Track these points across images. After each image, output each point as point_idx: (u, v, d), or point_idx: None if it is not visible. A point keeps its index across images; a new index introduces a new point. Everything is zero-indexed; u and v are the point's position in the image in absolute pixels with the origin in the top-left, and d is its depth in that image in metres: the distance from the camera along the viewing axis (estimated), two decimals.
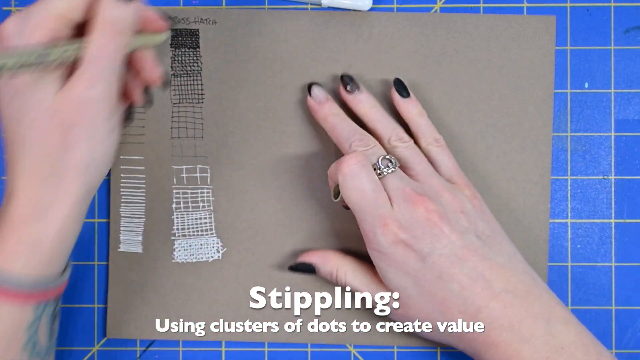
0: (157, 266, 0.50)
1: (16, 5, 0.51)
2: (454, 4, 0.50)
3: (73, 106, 0.38)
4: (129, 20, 0.40)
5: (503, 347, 0.41)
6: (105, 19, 0.39)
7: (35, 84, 0.38)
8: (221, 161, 0.50)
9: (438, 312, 0.43)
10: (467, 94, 0.50)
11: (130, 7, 0.39)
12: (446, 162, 0.47)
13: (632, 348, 0.50)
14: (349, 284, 0.47)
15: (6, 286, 0.39)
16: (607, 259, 0.50)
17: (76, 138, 0.39)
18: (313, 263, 0.48)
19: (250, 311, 0.50)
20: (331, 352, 0.50)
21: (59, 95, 0.38)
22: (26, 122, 0.39)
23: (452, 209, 0.43)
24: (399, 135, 0.46)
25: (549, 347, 0.40)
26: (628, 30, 0.50)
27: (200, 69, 0.50)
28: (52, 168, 0.39)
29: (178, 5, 0.51)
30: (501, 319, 0.41)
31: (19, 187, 0.39)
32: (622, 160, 0.50)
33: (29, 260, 0.39)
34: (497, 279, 0.42)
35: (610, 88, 0.50)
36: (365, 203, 0.43)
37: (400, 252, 0.42)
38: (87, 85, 0.38)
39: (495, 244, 0.44)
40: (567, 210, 0.50)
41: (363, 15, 0.50)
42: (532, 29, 0.50)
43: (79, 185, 0.39)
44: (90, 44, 0.38)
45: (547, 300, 0.42)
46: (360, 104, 0.48)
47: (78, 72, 0.38)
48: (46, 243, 0.39)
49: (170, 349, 0.50)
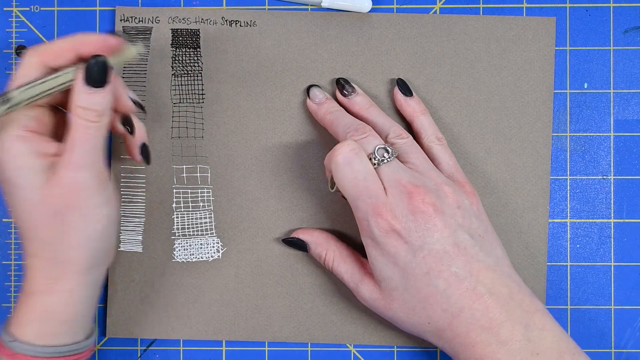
0: (157, 266, 0.50)
1: (17, 6, 0.51)
2: (454, 5, 0.50)
3: (63, 192, 0.41)
4: (103, 106, 0.41)
5: (480, 347, 0.41)
6: (78, 109, 0.40)
7: (23, 178, 0.41)
8: (221, 161, 0.50)
9: (421, 307, 0.43)
10: (466, 95, 0.50)
11: (102, 93, 0.41)
12: (447, 159, 0.47)
13: (631, 347, 0.50)
14: (334, 270, 0.47)
15: (21, 352, 0.42)
16: (606, 259, 0.50)
17: (70, 221, 0.41)
18: (306, 241, 0.48)
19: (250, 311, 0.50)
20: (331, 351, 0.50)
21: (48, 184, 0.41)
22: (23, 215, 0.42)
23: (448, 202, 0.43)
24: (397, 132, 0.46)
25: (524, 352, 0.41)
26: (627, 30, 0.50)
27: (200, 69, 0.50)
28: (54, 251, 0.42)
29: (178, 6, 0.51)
30: (482, 320, 0.41)
31: (31, 266, 0.43)
32: (621, 161, 0.50)
33: (41, 328, 0.42)
34: (483, 280, 0.42)
35: (609, 88, 0.50)
36: (358, 191, 0.43)
37: (393, 243, 0.42)
38: (73, 171, 0.40)
39: (486, 245, 0.43)
40: (566, 210, 0.50)
41: (363, 16, 0.50)
42: (532, 30, 0.50)
43: (80, 261, 0.42)
44: (70, 133, 0.41)
45: (528, 306, 0.42)
46: (356, 106, 0.48)
47: (63, 159, 0.41)
48: (56, 313, 0.42)
49: (171, 348, 0.50)
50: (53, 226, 0.41)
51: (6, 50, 0.51)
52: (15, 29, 0.51)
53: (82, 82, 0.40)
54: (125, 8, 0.50)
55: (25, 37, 0.51)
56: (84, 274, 0.43)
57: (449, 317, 0.42)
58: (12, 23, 0.51)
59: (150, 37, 0.50)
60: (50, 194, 0.41)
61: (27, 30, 0.51)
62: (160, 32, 0.50)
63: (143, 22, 0.50)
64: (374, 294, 0.45)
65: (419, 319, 0.43)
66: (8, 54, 0.51)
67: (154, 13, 0.50)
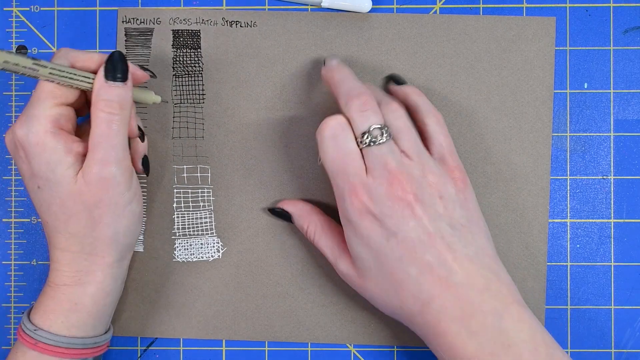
0: (158, 265, 0.51)
1: (17, 6, 0.51)
2: (454, 5, 0.50)
3: (93, 187, 0.42)
4: (125, 97, 0.43)
5: (450, 337, 0.41)
6: (101, 102, 0.42)
7: (55, 172, 0.42)
8: (221, 161, 0.50)
9: (393, 291, 0.43)
10: (466, 95, 0.50)
11: (123, 86, 0.43)
12: (441, 140, 0.45)
13: (631, 347, 0.50)
14: (315, 242, 0.47)
15: (43, 341, 0.43)
16: (606, 259, 0.50)
17: (100, 215, 0.43)
18: (290, 212, 0.49)
19: (250, 311, 0.50)
20: (331, 352, 0.50)
21: (78, 178, 0.42)
22: (54, 208, 0.43)
23: (430, 192, 0.42)
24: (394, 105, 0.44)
25: (495, 344, 0.40)
26: (627, 30, 0.50)
27: (201, 69, 0.50)
28: (83, 244, 0.43)
29: (179, 6, 0.51)
30: (453, 310, 0.41)
31: (58, 259, 0.44)
32: (621, 160, 0.50)
33: (69, 320, 0.43)
34: (458, 270, 0.41)
35: (609, 88, 0.50)
36: (337, 167, 0.42)
37: (367, 225, 0.42)
38: (101, 166, 0.42)
39: (467, 234, 0.43)
40: (566, 210, 0.50)
41: (363, 16, 0.50)
42: (532, 30, 0.50)
43: (109, 254, 0.44)
44: (93, 131, 0.42)
45: (505, 297, 0.41)
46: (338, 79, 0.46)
47: (90, 155, 0.42)
48: (83, 305, 0.44)
49: (171, 348, 0.51)
50: (83, 220, 0.43)
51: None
52: (15, 29, 0.51)
53: (103, 78, 0.42)
54: (127, 9, 0.51)
55: (25, 37, 0.51)
56: (111, 266, 0.44)
57: (419, 305, 0.42)
58: (12, 23, 0.51)
59: (151, 38, 0.50)
60: (81, 190, 0.42)
61: (27, 30, 0.51)
62: (162, 33, 0.51)
63: (145, 24, 0.51)
64: (350, 271, 0.45)
65: (392, 301, 0.43)
66: None
67: (155, 14, 0.50)
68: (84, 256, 0.43)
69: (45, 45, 0.51)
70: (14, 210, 0.51)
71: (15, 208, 0.51)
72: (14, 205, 0.51)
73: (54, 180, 0.42)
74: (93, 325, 0.44)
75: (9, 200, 0.51)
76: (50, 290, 0.44)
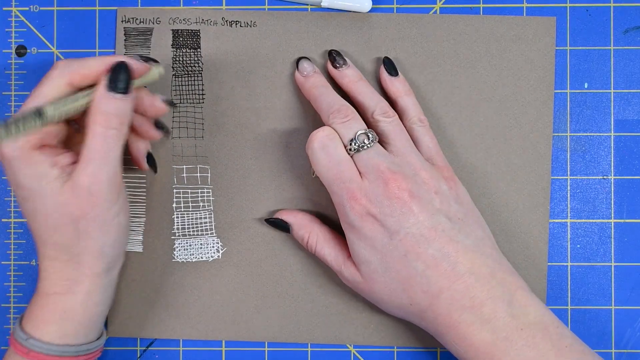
0: (158, 265, 0.50)
1: (16, 6, 0.51)
2: (454, 5, 0.50)
3: (80, 199, 0.41)
4: (125, 112, 0.42)
5: (464, 327, 0.42)
6: (99, 115, 0.41)
7: (40, 184, 0.41)
8: (221, 161, 0.50)
9: (401, 289, 0.43)
10: (466, 95, 0.50)
11: (125, 100, 0.42)
12: (428, 142, 0.47)
13: (632, 348, 0.50)
14: (317, 252, 0.47)
15: (36, 350, 0.42)
16: (606, 259, 0.50)
17: (85, 227, 0.42)
18: (289, 223, 0.48)
19: (250, 311, 0.50)
20: (331, 352, 0.50)
21: (65, 190, 0.41)
22: (39, 219, 0.42)
23: (425, 188, 0.43)
24: (383, 109, 0.46)
25: (508, 328, 0.41)
26: (627, 30, 0.50)
27: (201, 69, 0.50)
28: (70, 254, 0.43)
29: (178, 6, 0.51)
30: (463, 300, 0.42)
31: (46, 268, 0.43)
32: (621, 160, 0.50)
33: (60, 328, 0.43)
34: (462, 261, 0.42)
35: (609, 88, 0.50)
36: (332, 176, 0.43)
37: (369, 227, 0.43)
38: (91, 180, 0.41)
39: (465, 227, 0.44)
40: (566, 210, 0.50)
41: (363, 16, 0.50)
42: (532, 30, 0.50)
43: (96, 265, 0.43)
44: (87, 143, 0.41)
45: (510, 283, 0.42)
46: (345, 78, 0.48)
47: (81, 166, 0.41)
48: (74, 313, 0.43)
49: (171, 348, 0.51)
50: (69, 232, 0.42)
51: (6, 50, 0.51)
52: (15, 29, 0.51)
53: (105, 89, 0.41)
54: (126, 9, 0.51)
55: (25, 37, 0.51)
56: (99, 276, 0.44)
57: (429, 298, 0.42)
58: (12, 23, 0.51)
59: (151, 38, 0.50)
60: (67, 201, 0.41)
61: (27, 30, 0.51)
62: (161, 32, 0.50)
63: (144, 23, 0.50)
64: (356, 277, 0.45)
65: (401, 300, 0.43)
66: (8, 53, 0.51)
67: (155, 14, 0.50)
68: (73, 265, 0.43)
69: (44, 45, 0.51)
70: (13, 211, 0.51)
71: (14, 209, 0.51)
72: (13, 206, 0.51)
73: (39, 192, 0.41)
74: (85, 333, 0.44)
75: (8, 200, 0.51)
76: (40, 299, 0.43)
